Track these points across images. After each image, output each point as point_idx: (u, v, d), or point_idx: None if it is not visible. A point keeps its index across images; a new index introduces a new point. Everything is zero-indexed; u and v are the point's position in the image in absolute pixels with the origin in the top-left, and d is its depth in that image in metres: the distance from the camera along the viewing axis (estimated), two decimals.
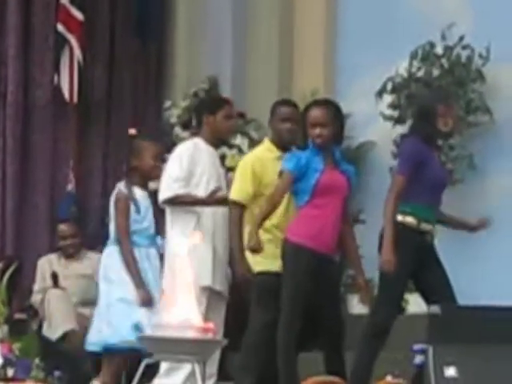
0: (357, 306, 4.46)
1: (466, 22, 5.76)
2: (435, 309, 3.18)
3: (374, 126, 6.05)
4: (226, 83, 6.42)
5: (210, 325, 3.15)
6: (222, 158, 5.08)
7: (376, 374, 3.53)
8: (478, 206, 5.51)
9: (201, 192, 4.01)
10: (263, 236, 3.65)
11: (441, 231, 4.05)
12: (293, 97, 5.37)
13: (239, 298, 4.27)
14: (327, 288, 3.70)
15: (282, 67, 6.52)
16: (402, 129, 5.37)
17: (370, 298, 3.86)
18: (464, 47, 5.57)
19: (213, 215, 4.11)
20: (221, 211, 4.08)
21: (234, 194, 3.81)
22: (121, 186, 3.80)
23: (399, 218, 3.53)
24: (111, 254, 3.93)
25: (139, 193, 3.80)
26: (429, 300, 3.60)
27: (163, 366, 3.84)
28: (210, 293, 3.92)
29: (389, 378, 3.02)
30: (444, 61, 5.68)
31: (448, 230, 4.17)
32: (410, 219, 3.57)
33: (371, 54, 6.11)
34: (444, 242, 4.32)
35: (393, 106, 5.76)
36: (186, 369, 3.68)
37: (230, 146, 5.62)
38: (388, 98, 5.86)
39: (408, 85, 5.64)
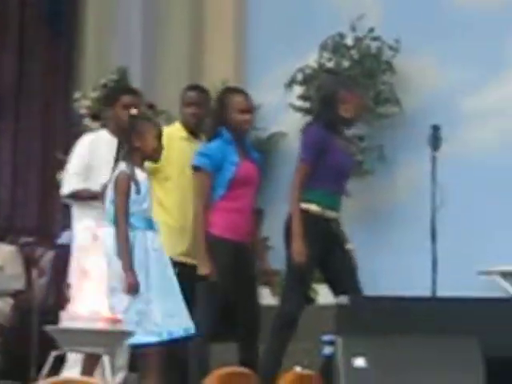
0: (267, 297, 4.44)
1: (376, 14, 5.83)
2: (343, 299, 3.16)
3: (285, 116, 6.04)
4: (136, 74, 6.36)
5: (119, 316, 3.10)
6: None
7: (285, 364, 3.49)
8: (387, 197, 5.58)
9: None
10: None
11: (352, 221, 4.10)
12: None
13: None
14: (246, 278, 3.69)
15: (192, 58, 6.49)
16: None
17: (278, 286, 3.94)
18: (374, 39, 5.63)
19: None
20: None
21: None
22: (122, 167, 3.61)
23: (303, 205, 3.54)
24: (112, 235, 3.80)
25: (140, 174, 3.64)
26: (335, 289, 3.63)
27: (71, 356, 3.76)
28: None
29: (298, 369, 2.95)
30: (354, 52, 5.71)
31: (360, 220, 4.23)
32: (313, 207, 3.58)
33: (282, 44, 6.10)
34: (355, 232, 4.39)
35: (303, 97, 5.74)
36: None
37: None
38: (298, 89, 5.86)
39: (318, 76, 5.64)
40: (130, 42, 6.53)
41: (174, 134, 3.95)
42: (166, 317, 3.38)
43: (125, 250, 3.50)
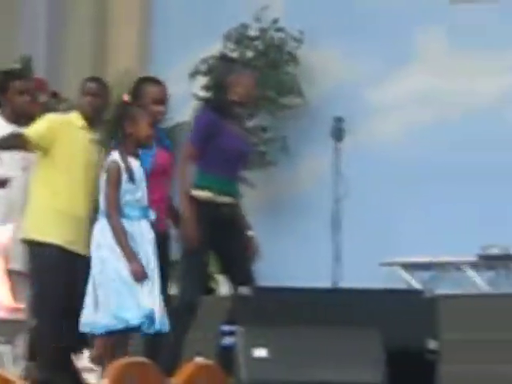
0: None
1: (280, 5, 5.97)
2: (244, 290, 3.19)
3: (189, 106, 5.97)
4: (40, 63, 6.44)
5: (20, 305, 3.24)
6: None
7: (185, 354, 3.53)
8: (290, 188, 5.70)
9: None
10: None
11: (255, 211, 4.15)
12: (108, 77, 5.29)
13: None
14: (162, 265, 3.61)
15: (96, 48, 6.62)
16: None
17: None
18: (278, 30, 5.74)
19: (5, 198, 3.99)
20: (14, 196, 3.98)
21: (27, 131, 3.80)
22: (115, 156, 3.48)
23: (195, 192, 3.57)
24: (103, 229, 3.66)
25: (133, 162, 3.56)
26: (231, 277, 3.73)
27: None
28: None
29: (198, 359, 2.97)
30: (258, 43, 5.86)
31: (263, 211, 4.27)
32: (205, 192, 3.63)
33: (187, 35, 6.24)
34: (258, 223, 4.41)
35: (206, 87, 5.80)
36: None
37: None
38: (202, 80, 5.98)
39: None
40: (34, 31, 6.65)
41: (69, 121, 3.95)
42: (136, 306, 3.32)
43: (123, 240, 3.50)
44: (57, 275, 3.55)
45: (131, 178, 3.68)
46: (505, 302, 4.97)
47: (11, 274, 3.85)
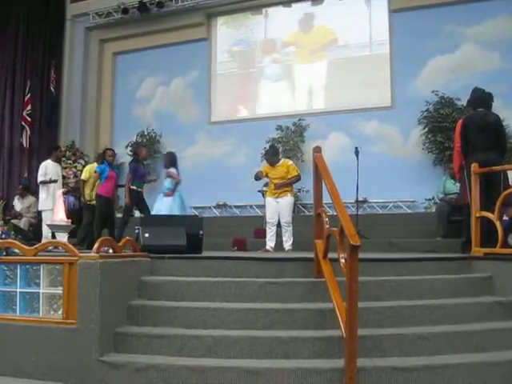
0: None
1: None
2: (147, 215, 7.85)
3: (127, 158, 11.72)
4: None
5: (68, 220, 7.81)
6: None
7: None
8: None
9: None
10: None
11: None
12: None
13: None
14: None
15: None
16: None
17: None
18: None
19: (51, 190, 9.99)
20: (55, 189, 10.04)
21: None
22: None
23: (131, 187, 9.86)
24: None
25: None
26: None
27: None
28: None
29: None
30: None
31: None
32: (134, 187, 9.79)
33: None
34: None
35: (132, 152, 11.44)
36: None
37: None
38: (129, 148, 11.34)
39: None
40: None
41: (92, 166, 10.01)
42: None
43: None
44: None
45: None
46: None
47: None
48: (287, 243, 8.72)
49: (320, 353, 4.21)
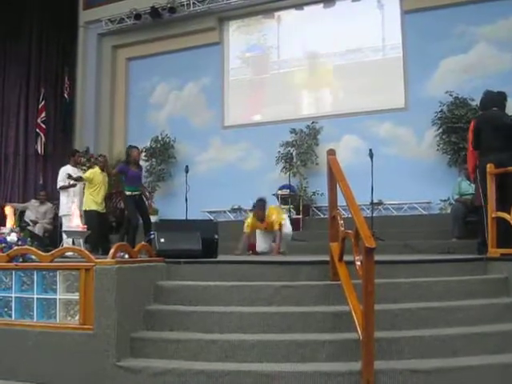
0: None
1: None
2: (161, 220, 7.67)
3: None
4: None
5: (84, 226, 7.75)
6: None
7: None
8: None
9: None
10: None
11: None
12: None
13: None
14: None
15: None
16: None
17: None
18: None
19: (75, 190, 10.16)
20: (77, 189, 10.35)
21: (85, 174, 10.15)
22: None
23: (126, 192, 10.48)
24: None
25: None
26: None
27: None
28: None
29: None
30: None
31: None
32: (129, 191, 9.25)
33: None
34: None
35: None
36: None
37: None
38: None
39: None
40: None
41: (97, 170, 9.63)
42: None
43: None
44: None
45: None
46: None
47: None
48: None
49: (337, 356, 4.19)
